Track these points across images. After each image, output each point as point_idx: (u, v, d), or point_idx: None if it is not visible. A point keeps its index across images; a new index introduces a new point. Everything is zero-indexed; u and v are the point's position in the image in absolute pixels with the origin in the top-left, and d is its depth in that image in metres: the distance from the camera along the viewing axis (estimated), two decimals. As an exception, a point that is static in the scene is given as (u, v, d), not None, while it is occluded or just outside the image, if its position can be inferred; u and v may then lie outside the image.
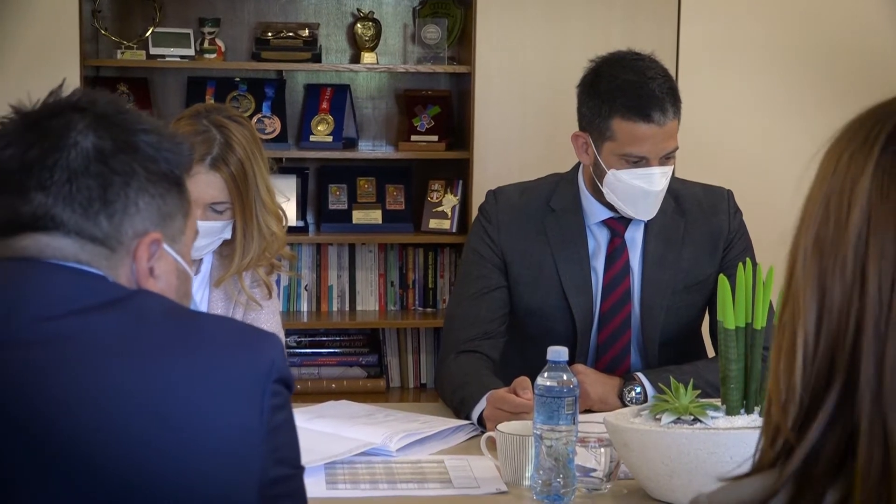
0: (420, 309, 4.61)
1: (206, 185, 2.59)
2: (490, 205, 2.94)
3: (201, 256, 2.70)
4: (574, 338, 2.83)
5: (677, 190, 2.91)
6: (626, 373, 2.78)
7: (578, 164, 2.90)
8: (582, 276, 2.84)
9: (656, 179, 2.75)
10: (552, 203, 2.88)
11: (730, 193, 2.95)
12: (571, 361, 2.69)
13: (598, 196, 2.83)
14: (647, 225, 2.86)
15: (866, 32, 4.39)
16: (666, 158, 2.76)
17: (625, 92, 2.73)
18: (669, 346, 2.86)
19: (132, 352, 1.35)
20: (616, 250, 2.86)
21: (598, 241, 2.86)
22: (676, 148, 2.77)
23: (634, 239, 2.87)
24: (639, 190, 2.75)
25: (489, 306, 2.86)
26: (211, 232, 2.62)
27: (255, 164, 2.62)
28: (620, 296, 2.85)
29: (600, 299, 2.85)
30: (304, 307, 4.58)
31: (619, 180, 2.76)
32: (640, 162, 2.74)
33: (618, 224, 2.86)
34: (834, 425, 1.00)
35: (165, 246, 1.47)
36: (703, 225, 2.89)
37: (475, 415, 2.58)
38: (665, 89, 2.73)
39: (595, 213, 2.86)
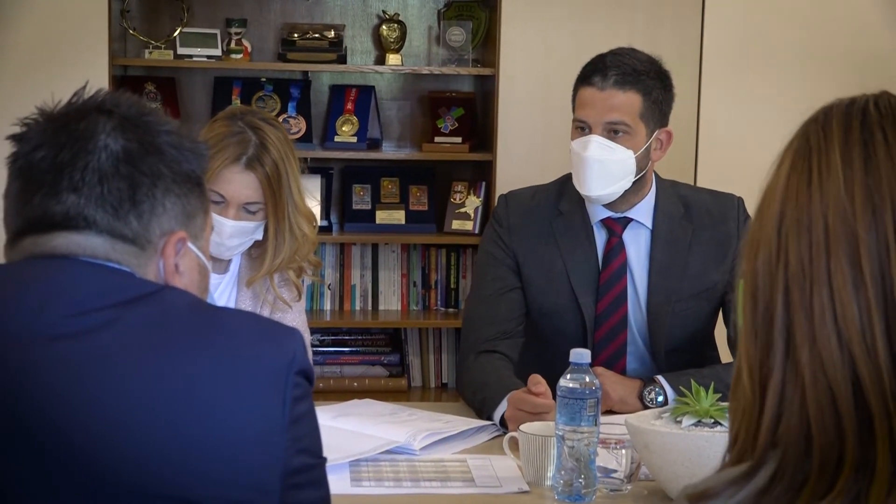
0: (442, 309, 4.63)
1: (241, 185, 2.63)
2: (501, 209, 2.96)
3: (232, 256, 2.73)
4: (585, 337, 2.84)
5: (687, 197, 2.92)
6: (645, 375, 2.80)
7: None
8: (590, 276, 2.86)
9: (590, 146, 2.76)
10: (560, 205, 2.90)
11: (740, 200, 2.93)
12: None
13: None
14: (654, 231, 2.87)
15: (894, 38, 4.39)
16: (612, 133, 2.76)
17: (586, 64, 2.82)
18: (677, 353, 2.86)
19: (158, 345, 1.39)
20: (612, 251, 2.86)
21: (598, 242, 2.87)
22: (625, 125, 2.76)
23: (635, 241, 2.87)
24: (576, 156, 2.78)
25: (506, 306, 2.87)
26: (243, 232, 2.66)
27: (289, 166, 2.67)
28: (616, 296, 2.85)
29: (595, 299, 2.86)
30: (327, 306, 4.61)
31: (570, 151, 2.80)
32: (585, 129, 2.78)
33: (615, 224, 2.87)
34: (786, 387, 1.05)
35: (189, 243, 1.51)
36: (711, 232, 2.89)
37: (497, 416, 2.60)
38: (617, 62, 2.78)
39: (595, 212, 2.87)
